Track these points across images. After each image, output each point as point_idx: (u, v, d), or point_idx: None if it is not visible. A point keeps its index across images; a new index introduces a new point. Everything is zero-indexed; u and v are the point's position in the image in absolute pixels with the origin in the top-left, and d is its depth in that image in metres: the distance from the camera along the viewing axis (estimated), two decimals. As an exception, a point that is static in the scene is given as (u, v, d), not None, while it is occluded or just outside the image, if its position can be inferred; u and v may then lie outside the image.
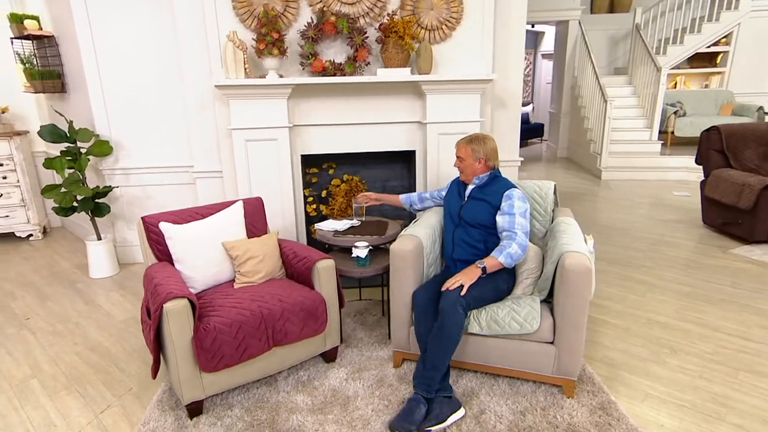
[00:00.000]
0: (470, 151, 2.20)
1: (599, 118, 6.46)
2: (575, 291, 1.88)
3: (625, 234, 4.19)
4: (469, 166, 2.22)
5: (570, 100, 7.79)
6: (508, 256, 2.03)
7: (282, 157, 2.99)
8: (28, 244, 4.22)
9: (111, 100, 3.39)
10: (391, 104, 3.04)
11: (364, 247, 2.39)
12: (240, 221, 2.38)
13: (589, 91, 6.91)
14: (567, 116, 7.90)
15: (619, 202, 5.23)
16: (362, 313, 2.85)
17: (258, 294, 2.09)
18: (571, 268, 1.87)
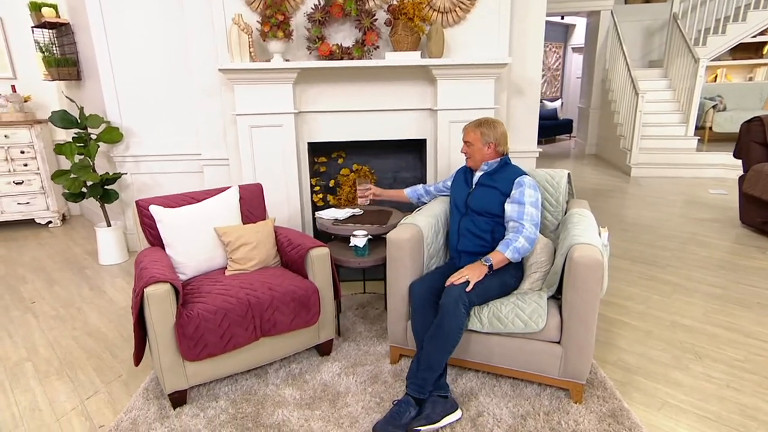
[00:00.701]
0: (479, 135, 2.07)
1: (630, 112, 6.16)
2: (584, 286, 1.71)
3: (652, 232, 3.94)
4: (477, 151, 2.09)
5: (600, 94, 7.49)
6: (514, 250, 1.89)
7: (287, 144, 2.91)
8: (47, 230, 4.30)
9: (122, 88, 3.39)
10: (401, 90, 2.92)
11: (362, 236, 2.27)
12: (235, 207, 2.30)
13: (621, 84, 6.60)
14: (596, 111, 7.61)
15: (649, 200, 4.94)
16: (364, 306, 2.74)
17: (247, 282, 2.01)
18: (580, 261, 1.69)
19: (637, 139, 5.93)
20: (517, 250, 1.89)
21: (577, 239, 1.80)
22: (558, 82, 10.51)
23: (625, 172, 6.21)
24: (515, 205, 1.96)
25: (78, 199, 3.16)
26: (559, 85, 10.54)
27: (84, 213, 4.71)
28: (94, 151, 3.13)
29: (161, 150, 3.48)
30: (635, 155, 6.03)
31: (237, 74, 2.72)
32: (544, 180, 2.33)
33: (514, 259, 1.90)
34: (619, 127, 6.61)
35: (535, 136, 3.29)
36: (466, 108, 2.88)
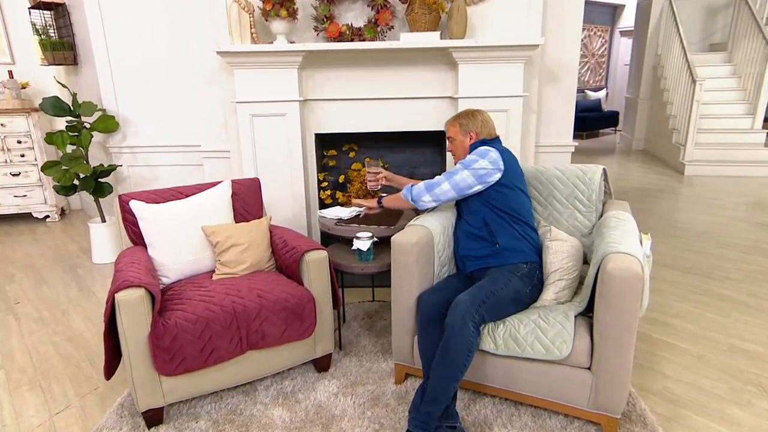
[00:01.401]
0: (458, 128, 2.09)
1: (685, 102, 5.87)
2: (620, 303, 1.55)
3: (707, 239, 3.69)
4: (460, 145, 2.09)
5: (651, 82, 7.22)
6: (409, 188, 2.04)
7: (291, 135, 2.84)
8: (44, 225, 4.37)
9: (118, 73, 3.38)
10: (418, 76, 2.82)
11: (366, 239, 2.16)
12: (226, 204, 2.23)
13: (675, 71, 6.33)
14: (646, 102, 7.34)
15: (705, 201, 4.67)
16: (371, 317, 2.63)
17: (235, 287, 1.92)
18: (615, 274, 1.53)
19: (692, 132, 5.64)
20: (410, 189, 2.02)
21: (613, 247, 1.64)
22: (603, 69, 10.16)
23: (678, 170, 5.95)
24: None
25: (69, 192, 3.16)
26: (603, 73, 10.19)
27: (84, 207, 4.77)
28: (87, 140, 3.12)
29: (160, 141, 3.46)
30: (690, 151, 5.76)
31: (237, 57, 2.67)
32: (574, 176, 2.17)
33: (404, 196, 2.04)
34: (672, 119, 6.35)
35: (570, 128, 3.12)
36: (491, 96, 2.75)
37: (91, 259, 3.48)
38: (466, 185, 1.92)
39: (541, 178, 2.24)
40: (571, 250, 1.91)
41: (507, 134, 2.79)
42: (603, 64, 10.15)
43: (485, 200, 1.95)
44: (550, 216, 2.22)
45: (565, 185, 2.18)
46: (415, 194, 2.02)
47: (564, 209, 2.18)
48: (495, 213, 1.95)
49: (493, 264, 1.94)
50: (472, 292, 1.76)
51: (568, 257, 1.90)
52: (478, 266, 1.97)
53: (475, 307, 1.70)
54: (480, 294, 1.74)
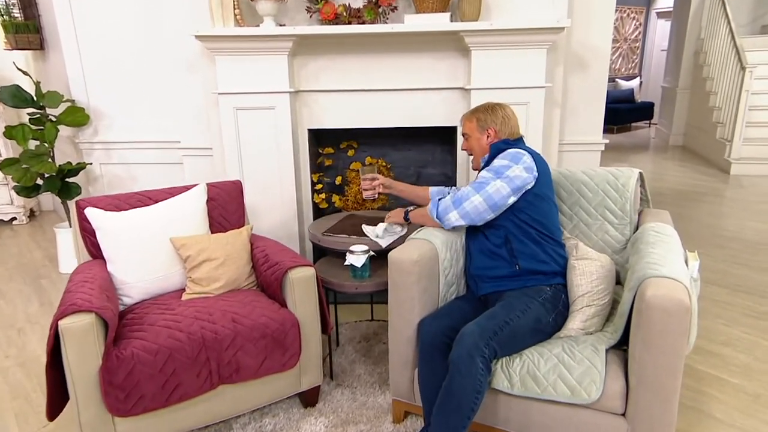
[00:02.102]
0: (474, 123, 1.95)
1: (732, 92, 5.71)
2: (661, 340, 1.39)
3: (760, 250, 3.52)
4: (476, 143, 1.96)
5: (691, 70, 7.06)
6: (435, 204, 1.90)
7: (281, 130, 2.73)
8: (10, 228, 4.29)
9: (89, 60, 3.28)
10: (425, 64, 2.71)
11: (361, 253, 2.03)
12: (200, 211, 2.11)
13: (720, 57, 6.17)
14: (685, 92, 7.19)
15: (755, 206, 4.49)
16: (368, 339, 2.50)
17: (206, 310, 1.80)
18: (655, 303, 1.38)
19: (740, 126, 5.48)
20: (435, 205, 1.89)
21: (653, 269, 1.49)
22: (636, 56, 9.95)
23: (723, 169, 5.78)
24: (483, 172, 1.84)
25: (31, 193, 3.07)
26: (637, 59, 9.99)
27: (56, 209, 4.69)
28: (53, 135, 3.03)
29: (136, 136, 3.37)
30: (737, 147, 5.60)
31: (218, 43, 2.56)
32: (605, 181, 2.03)
33: (430, 213, 1.90)
34: (717, 111, 6.18)
35: (600, 123, 2.99)
36: (509, 87, 2.63)
37: (58, 268, 3.39)
38: (501, 198, 1.75)
39: (565, 184, 2.10)
40: (602, 270, 1.76)
41: (527, 131, 2.66)
42: (636, 50, 9.93)
43: (511, 212, 1.81)
44: (575, 228, 2.07)
45: (594, 192, 2.03)
46: (441, 211, 1.86)
47: (593, 221, 2.03)
48: (519, 228, 1.80)
49: (511, 287, 1.80)
50: (482, 321, 1.62)
51: (599, 279, 1.75)
52: (493, 289, 1.84)
53: (485, 339, 1.56)
54: (491, 324, 1.60)
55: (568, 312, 1.79)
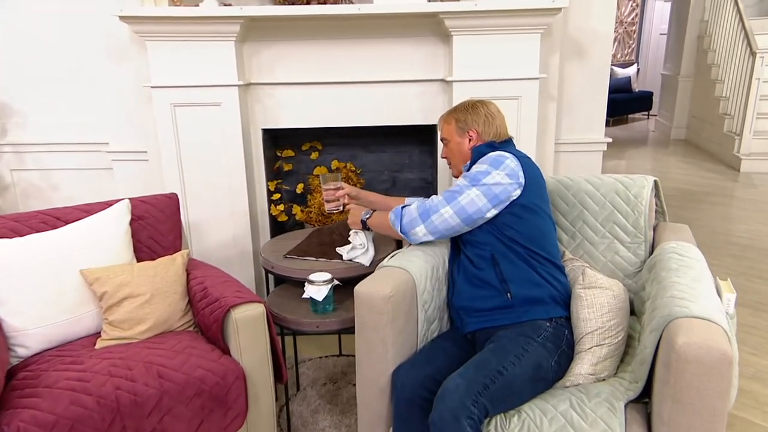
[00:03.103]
0: (453, 125, 1.82)
1: (741, 80, 5.69)
2: (699, 401, 1.21)
3: (779, 261, 3.40)
4: (456, 149, 1.83)
5: (694, 56, 7.08)
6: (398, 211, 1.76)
7: (230, 131, 2.57)
8: None
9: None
10: (399, 52, 2.58)
11: (322, 283, 1.81)
12: (121, 234, 1.87)
13: (727, 41, 6.18)
14: (688, 80, 7.21)
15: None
16: (336, 381, 2.29)
17: (125, 363, 1.57)
18: (689, 355, 1.20)
19: (751, 118, 5.47)
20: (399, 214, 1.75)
21: (682, 307, 1.31)
22: (633, 41, 9.96)
23: (732, 165, 5.76)
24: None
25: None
26: (634, 45, 10.00)
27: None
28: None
29: (55, 137, 3.11)
30: (747, 142, 5.60)
31: (149, 25, 2.37)
32: (613, 192, 1.87)
33: (392, 223, 1.75)
34: (724, 102, 6.17)
35: (602, 119, 2.87)
36: (497, 78, 2.50)
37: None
38: (476, 210, 1.60)
39: (566, 195, 1.92)
40: (615, 301, 1.58)
41: (518, 129, 2.54)
42: (633, 34, 9.94)
43: (495, 228, 1.65)
44: (579, 248, 1.90)
45: (601, 205, 1.85)
46: (405, 224, 1.72)
47: (600, 239, 1.86)
48: (507, 247, 1.64)
49: (504, 322, 1.62)
50: (470, 371, 1.43)
51: (611, 312, 1.56)
52: (482, 325, 1.65)
53: (473, 395, 1.37)
54: (481, 375, 1.41)
55: (573, 352, 1.61)
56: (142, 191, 2.86)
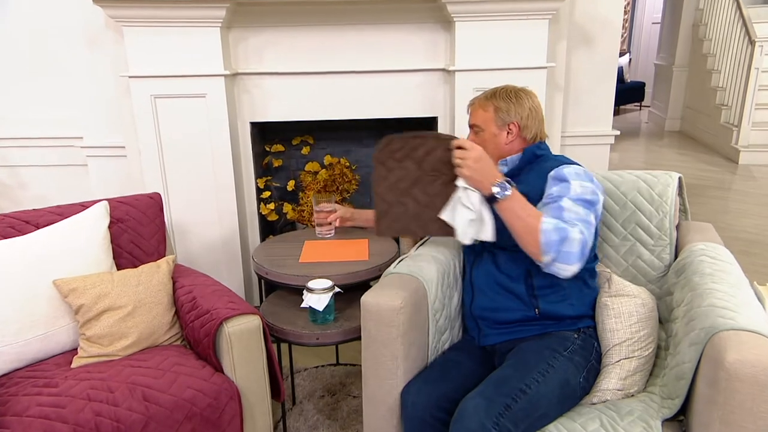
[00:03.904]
0: (492, 113, 1.60)
1: (739, 70, 5.63)
2: (750, 421, 1.13)
3: (789, 257, 3.35)
4: (491, 141, 1.61)
5: (689, 45, 7.02)
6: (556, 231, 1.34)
7: (216, 124, 2.47)
8: None
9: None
10: (397, 39, 2.50)
11: (322, 291, 1.69)
12: (99, 239, 1.73)
13: (724, 30, 6.12)
14: (683, 70, 7.16)
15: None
16: (334, 393, 2.18)
17: (105, 385, 1.44)
18: (742, 374, 1.11)
19: (749, 109, 5.43)
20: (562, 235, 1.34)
21: (726, 319, 1.21)
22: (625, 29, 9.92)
23: (730, 157, 5.73)
24: (551, 205, 1.44)
25: None
26: (626, 33, 9.94)
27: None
28: None
29: (24, 131, 2.98)
30: (745, 133, 5.56)
31: (125, 9, 2.25)
32: (635, 190, 1.78)
33: (545, 243, 1.33)
34: (720, 92, 6.13)
35: (609, 110, 2.82)
36: (502, 67, 2.42)
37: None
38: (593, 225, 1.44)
39: (586, 193, 1.81)
40: (644, 310, 1.48)
41: None
42: (625, 23, 9.90)
43: None
44: (598, 251, 1.79)
45: (622, 206, 1.75)
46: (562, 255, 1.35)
47: (621, 242, 1.76)
48: None
49: (527, 334, 1.52)
50: (490, 389, 1.32)
51: (641, 323, 1.47)
52: (504, 338, 1.55)
53: (493, 417, 1.26)
54: (502, 393, 1.31)
55: (600, 365, 1.50)
56: (120, 190, 2.74)
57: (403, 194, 1.52)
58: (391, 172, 1.51)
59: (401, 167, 1.51)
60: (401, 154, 1.50)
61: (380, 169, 1.52)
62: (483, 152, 1.39)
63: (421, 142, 1.47)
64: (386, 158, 1.51)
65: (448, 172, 1.46)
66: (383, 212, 1.54)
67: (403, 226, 1.54)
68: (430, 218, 1.51)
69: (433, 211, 1.50)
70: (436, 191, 1.50)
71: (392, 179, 1.52)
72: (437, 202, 1.50)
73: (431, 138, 1.46)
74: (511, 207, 1.37)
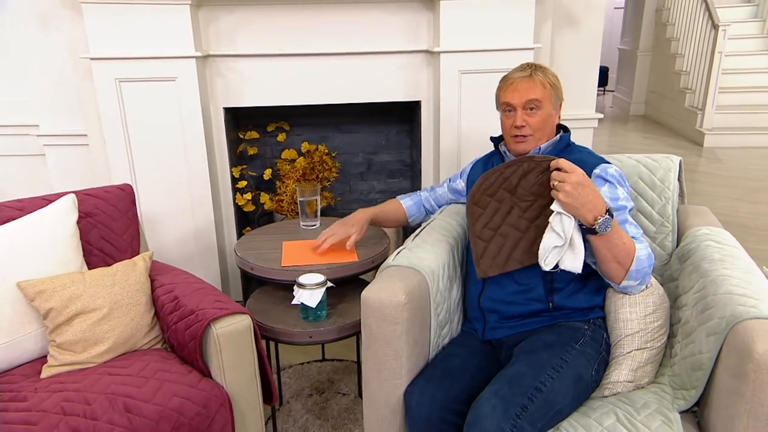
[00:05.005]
0: (549, 89, 1.50)
1: (703, 54, 5.70)
2: None
3: (762, 238, 3.36)
4: (546, 122, 1.51)
5: (653, 30, 7.10)
6: (652, 262, 1.36)
7: (187, 110, 2.32)
8: None
9: None
10: (377, 19, 2.39)
11: (314, 286, 1.58)
12: (68, 236, 1.58)
13: (687, 14, 6.20)
14: (647, 55, 7.26)
15: (740, 184, 4.47)
16: (323, 391, 2.08)
17: (81, 395, 1.31)
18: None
19: (713, 93, 5.51)
20: (643, 265, 1.33)
21: (748, 306, 1.17)
22: (588, 15, 9.99)
23: (695, 141, 5.82)
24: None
25: None
26: (589, 19, 10.03)
27: None
28: None
29: None
30: (710, 116, 5.64)
31: None
32: (636, 176, 1.76)
33: (636, 271, 1.32)
34: (684, 76, 6.23)
35: (593, 93, 2.79)
36: (488, 49, 2.33)
37: None
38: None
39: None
40: (656, 300, 1.43)
41: None
42: (587, 9, 9.97)
43: None
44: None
45: (624, 189, 1.69)
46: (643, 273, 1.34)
47: (624, 227, 1.70)
48: None
49: (537, 326, 1.46)
50: (504, 388, 1.25)
51: (655, 313, 1.41)
52: (512, 331, 1.48)
53: (511, 418, 1.19)
54: (517, 392, 1.24)
55: (609, 356, 1.45)
56: (82, 182, 2.55)
57: (500, 227, 1.42)
58: (486, 210, 1.42)
59: (495, 200, 1.40)
60: (494, 188, 1.40)
61: (474, 210, 1.42)
62: (585, 176, 1.26)
63: (515, 169, 1.37)
64: (479, 198, 1.41)
65: (547, 194, 1.34)
66: (482, 252, 1.43)
67: (505, 260, 1.42)
68: (531, 246, 1.40)
69: (536, 238, 1.38)
70: (534, 215, 1.39)
71: (487, 216, 1.42)
72: (538, 227, 1.39)
73: (526, 161, 1.36)
74: (608, 238, 1.28)
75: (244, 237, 1.97)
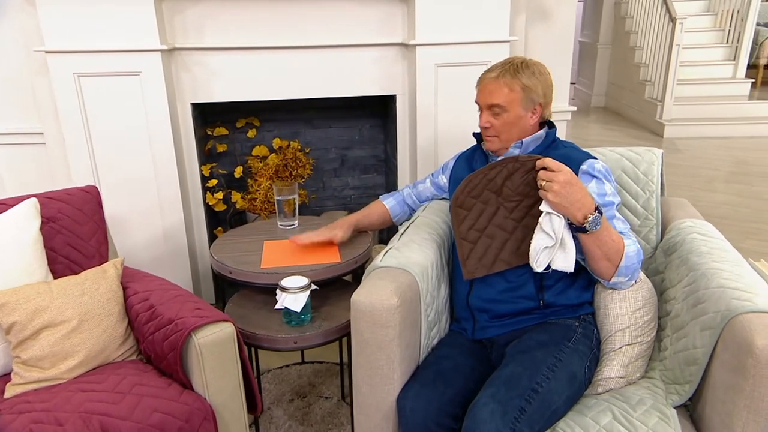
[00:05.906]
0: (519, 93, 1.43)
1: (661, 47, 5.79)
2: None
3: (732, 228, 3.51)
4: (514, 122, 1.46)
5: (612, 23, 7.17)
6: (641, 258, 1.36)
7: (153, 106, 2.23)
8: None
9: None
10: (350, 11, 2.34)
11: (298, 290, 1.52)
12: (30, 243, 1.47)
13: (645, 8, 6.28)
14: (607, 48, 7.34)
15: (699, 173, 4.59)
16: (304, 396, 2.02)
17: (51, 415, 1.21)
18: (771, 356, 1.05)
19: (671, 85, 5.60)
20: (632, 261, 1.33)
21: (743, 300, 1.17)
22: (547, 8, 10.10)
23: (655, 131, 5.92)
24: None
25: None
26: (548, 12, 10.13)
27: None
28: None
29: None
30: (669, 108, 5.73)
31: None
32: (619, 169, 1.76)
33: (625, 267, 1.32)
34: (644, 69, 6.31)
35: (567, 85, 2.78)
36: (464, 41, 2.31)
37: None
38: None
39: (567, 172, 1.74)
40: (645, 294, 1.42)
41: None
42: (547, 2, 10.07)
43: None
44: (586, 232, 1.73)
45: (608, 182, 1.69)
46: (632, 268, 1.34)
47: (608, 221, 1.70)
48: None
49: (528, 324, 1.44)
50: (501, 391, 1.22)
51: (645, 308, 1.41)
52: (503, 330, 1.46)
53: (509, 423, 1.17)
54: (515, 394, 1.21)
55: (600, 352, 1.44)
56: (38, 184, 2.42)
57: (486, 228, 1.37)
58: (471, 211, 1.37)
59: (480, 201, 1.36)
60: (478, 190, 1.35)
61: (459, 212, 1.38)
62: (572, 175, 1.24)
63: (499, 170, 1.32)
64: (464, 200, 1.36)
65: (533, 194, 1.32)
66: (468, 253, 1.39)
67: (492, 261, 1.38)
68: (519, 246, 1.37)
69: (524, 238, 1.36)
70: (521, 215, 1.36)
71: (472, 217, 1.37)
72: (525, 227, 1.36)
73: (510, 161, 1.31)
74: (598, 236, 1.26)
75: (219, 239, 1.88)
